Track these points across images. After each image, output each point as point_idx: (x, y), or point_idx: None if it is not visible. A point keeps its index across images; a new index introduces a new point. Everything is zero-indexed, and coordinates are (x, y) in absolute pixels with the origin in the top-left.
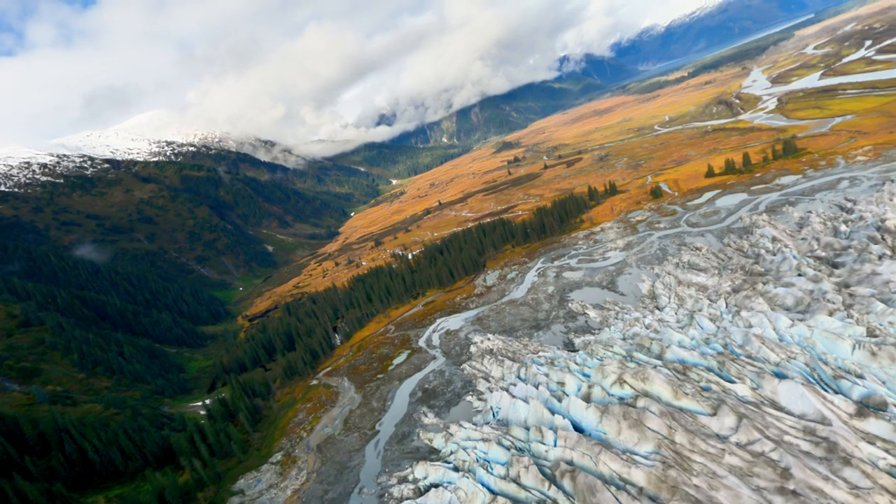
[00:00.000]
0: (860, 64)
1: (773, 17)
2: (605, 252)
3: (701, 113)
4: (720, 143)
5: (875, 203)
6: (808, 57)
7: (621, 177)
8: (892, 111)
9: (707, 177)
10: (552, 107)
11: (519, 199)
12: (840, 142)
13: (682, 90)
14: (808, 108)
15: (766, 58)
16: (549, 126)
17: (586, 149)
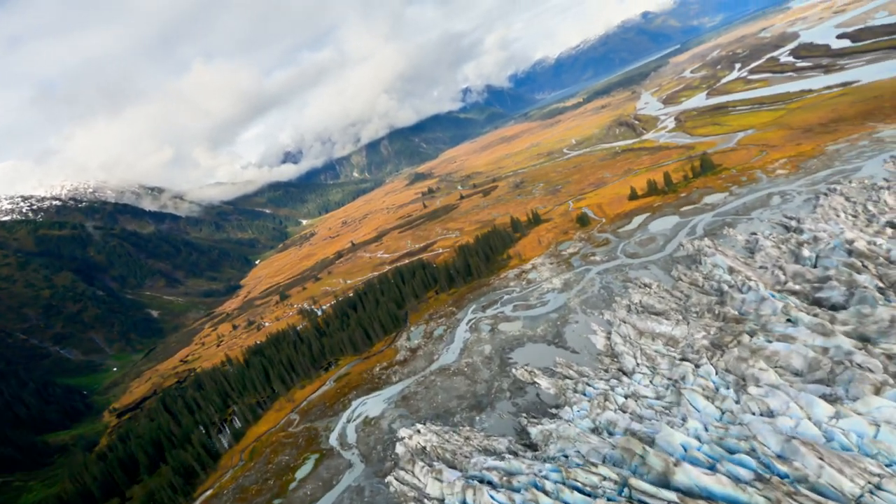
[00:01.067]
0: (739, 83)
1: (647, 48)
2: (541, 294)
3: (605, 134)
4: (633, 163)
5: (822, 220)
6: (689, 79)
7: (542, 204)
8: (790, 123)
9: (631, 199)
10: (460, 136)
11: (438, 235)
12: (752, 156)
13: (581, 114)
14: (707, 125)
15: (651, 82)
16: (460, 155)
17: (500, 176)
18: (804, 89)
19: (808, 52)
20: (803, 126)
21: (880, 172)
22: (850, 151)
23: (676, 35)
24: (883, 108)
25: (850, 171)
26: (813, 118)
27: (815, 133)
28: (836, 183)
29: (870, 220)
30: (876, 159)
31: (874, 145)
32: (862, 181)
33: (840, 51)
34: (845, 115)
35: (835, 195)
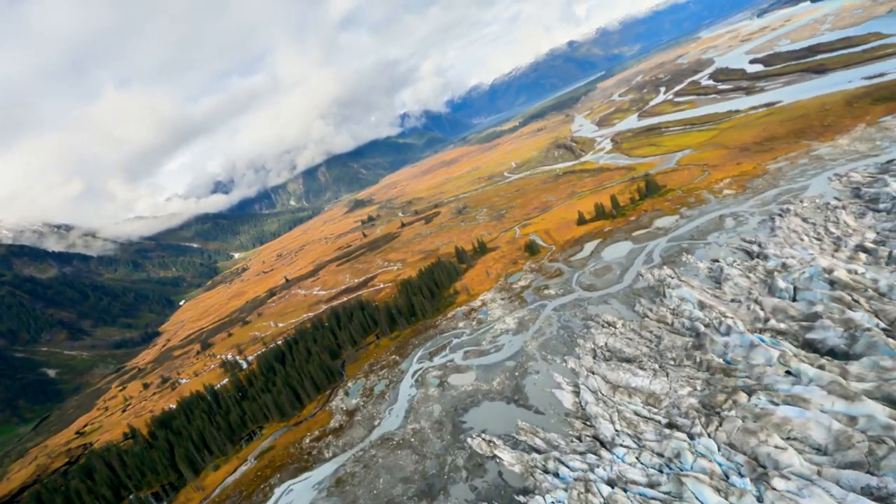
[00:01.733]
0: (667, 106)
1: (574, 74)
2: (495, 337)
3: (544, 157)
4: (576, 185)
5: (786, 244)
6: (619, 103)
7: (487, 230)
8: (725, 143)
9: (579, 224)
10: (400, 161)
11: (378, 268)
12: (695, 176)
13: (518, 138)
14: (643, 146)
15: (583, 105)
16: (401, 180)
17: (442, 201)
18: (731, 110)
19: (727, 75)
20: (739, 145)
21: (829, 191)
22: (793, 170)
23: (601, 62)
24: (813, 127)
25: (797, 190)
26: (747, 137)
27: (752, 152)
28: (787, 203)
29: (837, 244)
30: (820, 177)
31: (815, 163)
32: (813, 200)
33: (756, 74)
34: (777, 134)
35: (790, 216)
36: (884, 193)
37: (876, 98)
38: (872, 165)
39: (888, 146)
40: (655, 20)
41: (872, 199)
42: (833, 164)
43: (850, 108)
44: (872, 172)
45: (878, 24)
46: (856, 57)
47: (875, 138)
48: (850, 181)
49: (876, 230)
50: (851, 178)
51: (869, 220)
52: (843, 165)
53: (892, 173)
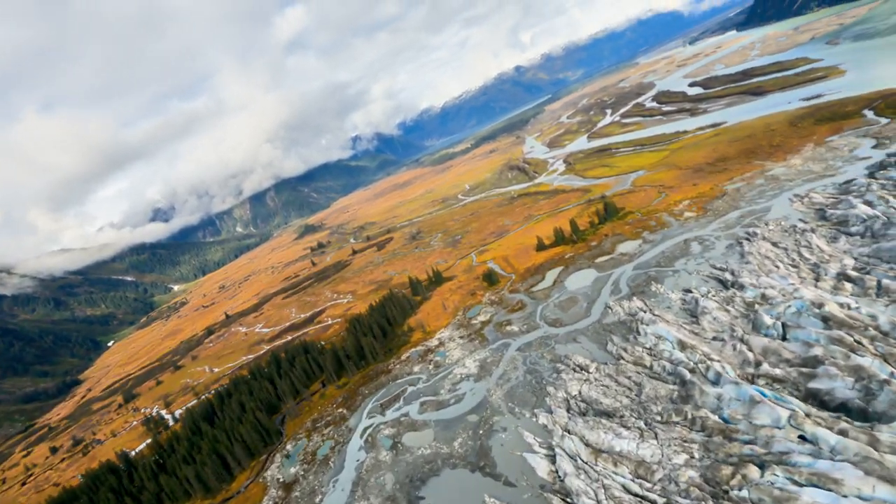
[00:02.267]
0: (615, 127)
1: (522, 98)
2: (454, 385)
3: (498, 179)
4: (532, 208)
5: (760, 272)
6: (568, 124)
7: (442, 258)
8: (677, 163)
9: (539, 250)
10: (352, 184)
11: (327, 301)
12: (653, 197)
13: (471, 159)
14: (596, 167)
15: (533, 127)
16: (353, 204)
17: (395, 226)
18: (679, 130)
19: (669, 98)
20: (692, 165)
21: (792, 213)
22: (751, 191)
23: (546, 87)
24: (762, 147)
25: (759, 212)
26: (698, 157)
27: (706, 172)
28: (752, 225)
29: (816, 271)
30: (780, 198)
31: (772, 183)
32: (779, 223)
33: (697, 96)
34: (728, 154)
35: (758, 240)
36: (852, 215)
37: (818, 119)
38: (831, 185)
39: (842, 166)
40: (595, 47)
41: (841, 222)
42: (790, 185)
43: (796, 129)
44: (833, 193)
45: (804, 50)
46: (790, 80)
47: (827, 158)
48: (812, 202)
49: (853, 255)
50: (813, 199)
51: (843, 244)
52: (801, 186)
53: (855, 194)
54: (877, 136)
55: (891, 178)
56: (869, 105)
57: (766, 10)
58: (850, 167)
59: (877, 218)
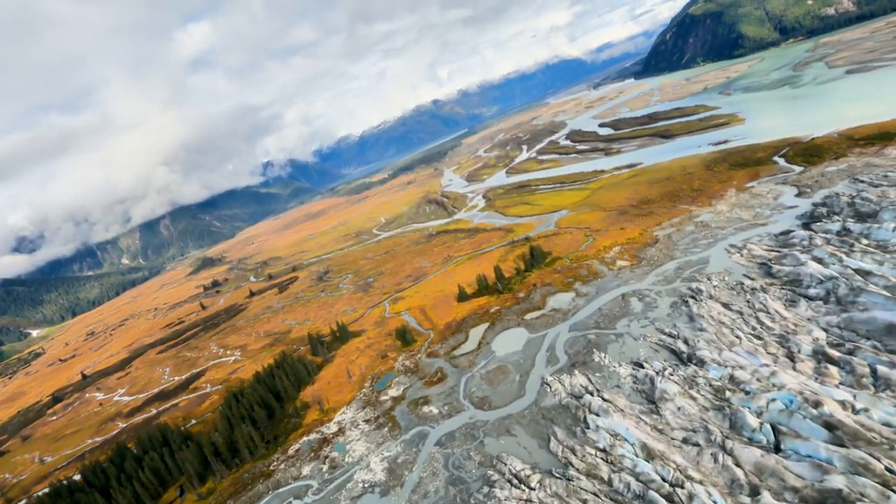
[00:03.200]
0: (532, 163)
1: (440, 130)
2: (355, 499)
3: (416, 213)
4: (452, 247)
5: (721, 343)
6: (485, 158)
7: (351, 305)
8: (600, 204)
9: (461, 300)
10: (262, 212)
11: (211, 358)
12: (580, 241)
13: (388, 190)
14: (518, 205)
15: (451, 160)
16: (260, 235)
17: (302, 263)
18: (597, 169)
19: (582, 137)
20: (616, 207)
21: (733, 266)
22: (683, 238)
23: (463, 121)
24: (683, 190)
25: (697, 263)
26: (621, 198)
27: (632, 215)
28: (693, 280)
29: (786, 346)
30: (717, 248)
31: (703, 231)
32: (722, 278)
33: (609, 137)
34: (651, 196)
35: (706, 300)
36: (805, 274)
37: (732, 164)
38: (767, 236)
39: (770, 214)
40: (508, 86)
41: (793, 281)
42: (723, 234)
43: (713, 172)
44: (773, 245)
45: (700, 98)
46: (695, 125)
47: (753, 205)
48: (752, 255)
49: (820, 324)
50: (752, 251)
51: (805, 310)
52: (735, 235)
53: (799, 248)
54: (796, 183)
55: (829, 231)
56: (777, 152)
57: (659, 63)
58: (779, 216)
59: (835, 280)
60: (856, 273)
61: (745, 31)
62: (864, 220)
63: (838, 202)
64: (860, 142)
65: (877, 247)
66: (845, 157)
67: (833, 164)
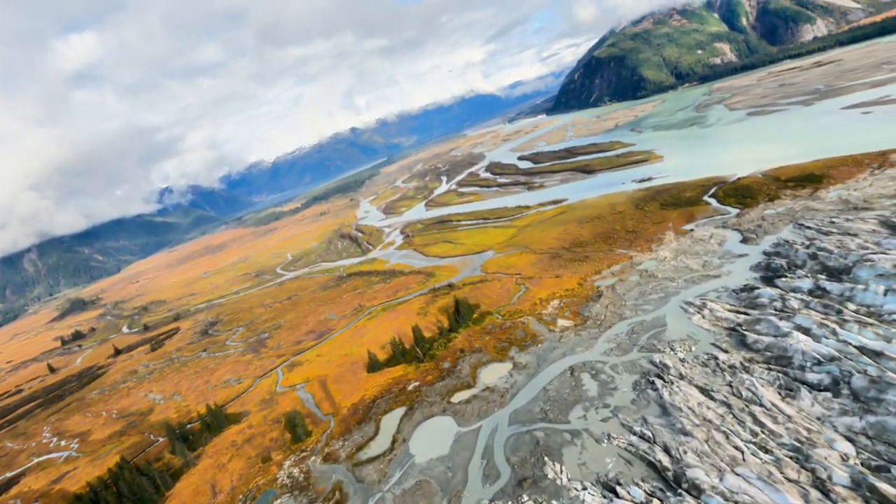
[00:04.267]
0: (453, 196)
1: (358, 158)
2: None
3: (327, 249)
4: (364, 295)
5: (716, 457)
6: (404, 189)
7: (235, 372)
8: (528, 244)
9: (371, 370)
10: (156, 244)
11: (36, 453)
12: (511, 291)
13: (299, 221)
14: (439, 243)
15: (368, 190)
16: (148, 271)
17: (189, 310)
18: (521, 205)
19: (502, 170)
20: (547, 249)
21: (696, 331)
22: (629, 291)
23: (382, 150)
24: (617, 232)
25: (652, 326)
26: (551, 239)
27: (566, 259)
28: (653, 349)
29: (809, 468)
30: (670, 305)
31: (650, 282)
32: (688, 347)
33: (529, 171)
34: (583, 237)
35: (677, 381)
36: (795, 351)
37: (663, 203)
38: (725, 292)
39: (720, 263)
40: (426, 117)
41: (778, 358)
42: (673, 286)
43: (644, 212)
44: (736, 305)
45: (614, 134)
46: (615, 161)
47: (698, 252)
48: (715, 317)
49: (838, 429)
50: (714, 311)
51: (810, 404)
52: (688, 288)
53: (773, 312)
54: (737, 227)
55: (799, 289)
56: (706, 192)
57: (569, 101)
58: (731, 266)
59: (839, 363)
60: (860, 353)
61: (646, 75)
62: (838, 277)
63: (795, 252)
64: (789, 184)
65: (869, 314)
66: (780, 200)
67: (770, 207)
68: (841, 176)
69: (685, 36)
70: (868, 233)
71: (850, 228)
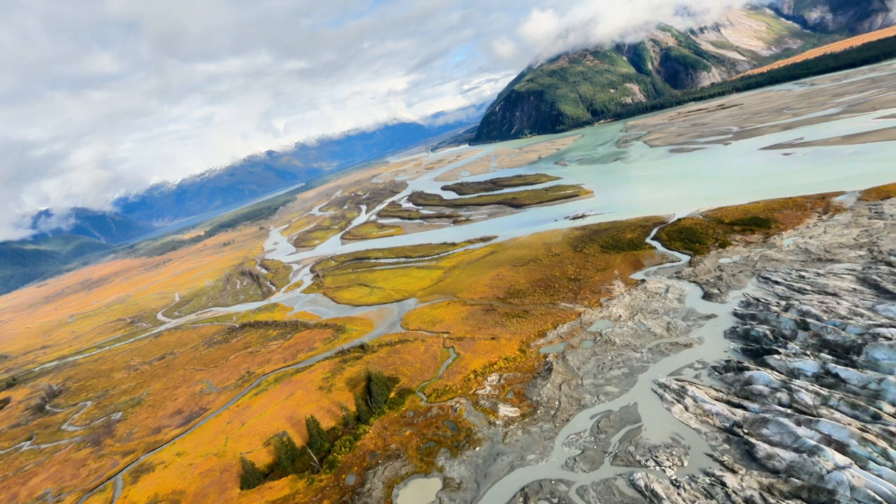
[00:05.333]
0: (372, 228)
1: (274, 182)
2: None
3: (222, 290)
4: (256, 356)
5: None
6: (319, 218)
7: (57, 480)
8: (458, 292)
9: (246, 486)
10: (25, 276)
11: None
12: (439, 359)
13: (199, 252)
14: (353, 286)
15: (280, 217)
16: (5, 311)
17: (33, 369)
18: (447, 242)
19: (425, 200)
20: (479, 299)
21: (683, 432)
22: (584, 363)
23: (301, 174)
24: (558, 279)
25: (623, 421)
26: (482, 286)
27: (501, 314)
28: (631, 462)
29: None
30: (638, 387)
31: (607, 349)
32: (678, 461)
33: (454, 202)
34: (519, 284)
35: None
36: (839, 484)
37: (603, 245)
38: (704, 369)
39: (686, 327)
40: (349, 143)
41: (813, 490)
42: (638, 358)
43: (585, 256)
44: (723, 390)
45: (538, 167)
46: (544, 195)
47: (656, 309)
48: (702, 409)
49: None
50: (699, 400)
51: None
52: (656, 363)
53: (782, 408)
54: (694, 279)
55: (802, 373)
56: (647, 233)
57: (491, 132)
58: (700, 331)
59: None
60: None
61: (564, 110)
62: (847, 357)
63: (776, 318)
64: (735, 227)
65: None
66: (732, 247)
67: (724, 255)
68: (788, 220)
69: (598, 75)
70: (850, 292)
71: (827, 286)
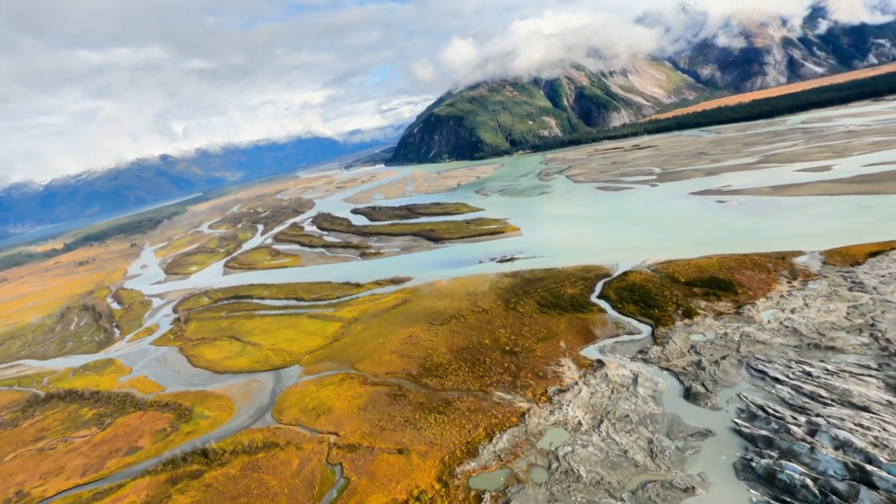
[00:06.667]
0: (264, 254)
1: (167, 190)
2: None
3: (49, 331)
4: (47, 458)
5: None
6: (206, 237)
7: None
8: (355, 359)
9: None
10: None
11: None
12: (317, 483)
13: (44, 272)
14: (220, 339)
15: (161, 233)
16: None
17: None
18: (350, 282)
19: (332, 224)
20: (384, 374)
21: None
22: None
23: (200, 183)
24: (489, 350)
25: None
26: (388, 353)
27: (412, 404)
28: None
29: None
30: None
31: (571, 490)
32: None
33: (364, 229)
34: (440, 356)
35: None
36: None
37: (540, 302)
38: None
39: (678, 452)
40: (257, 153)
41: None
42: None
43: (520, 316)
44: None
45: (458, 195)
46: (466, 229)
47: (627, 415)
48: None
49: None
50: None
51: None
52: None
53: None
54: (668, 367)
55: None
56: (590, 288)
57: (408, 153)
58: (696, 458)
59: None
60: None
61: (484, 137)
62: None
63: (808, 453)
64: (695, 290)
65: None
66: (700, 317)
67: (694, 329)
68: (753, 285)
69: (518, 106)
70: (885, 407)
71: (850, 393)
